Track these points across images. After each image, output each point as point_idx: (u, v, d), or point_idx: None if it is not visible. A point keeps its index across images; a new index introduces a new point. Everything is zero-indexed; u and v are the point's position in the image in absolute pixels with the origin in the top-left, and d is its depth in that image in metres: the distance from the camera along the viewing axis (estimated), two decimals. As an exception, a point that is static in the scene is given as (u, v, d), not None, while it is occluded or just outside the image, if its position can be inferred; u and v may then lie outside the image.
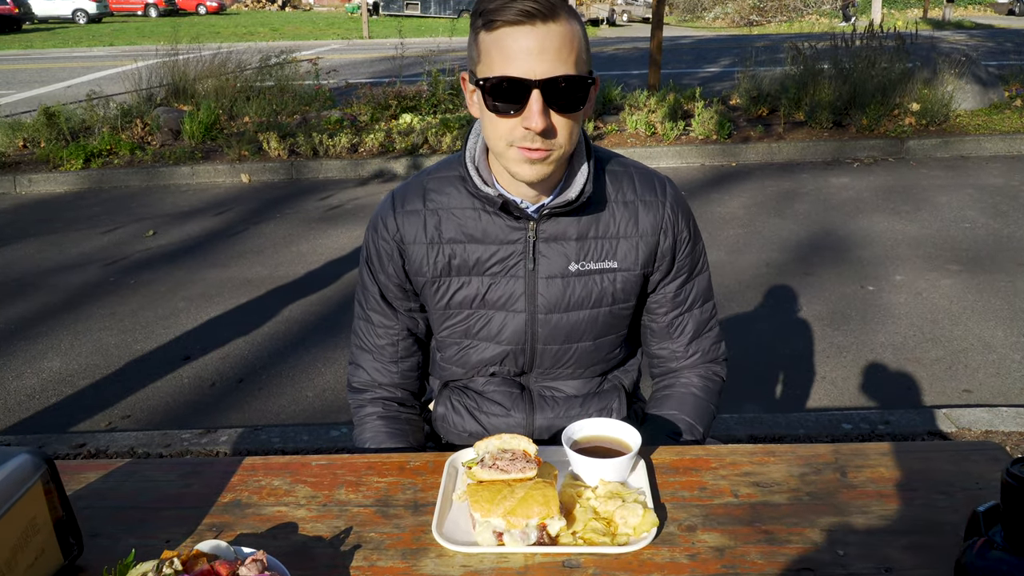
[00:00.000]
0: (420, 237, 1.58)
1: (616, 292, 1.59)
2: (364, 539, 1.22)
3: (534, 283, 1.56)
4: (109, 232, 6.80)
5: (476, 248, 1.56)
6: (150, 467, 1.44)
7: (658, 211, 1.59)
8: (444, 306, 1.61)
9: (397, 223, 1.59)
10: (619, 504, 1.24)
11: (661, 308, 1.66)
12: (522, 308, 1.57)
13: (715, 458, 1.41)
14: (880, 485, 1.31)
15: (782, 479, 1.34)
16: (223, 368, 4.37)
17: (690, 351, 1.69)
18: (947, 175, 7.53)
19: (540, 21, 1.29)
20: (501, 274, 1.56)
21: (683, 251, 1.62)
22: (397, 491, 1.34)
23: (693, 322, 1.68)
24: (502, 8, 1.29)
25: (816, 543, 1.18)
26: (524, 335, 1.60)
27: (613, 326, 1.63)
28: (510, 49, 1.31)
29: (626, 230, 1.57)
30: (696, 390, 1.69)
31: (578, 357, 1.63)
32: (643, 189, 1.59)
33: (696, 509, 1.27)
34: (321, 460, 1.43)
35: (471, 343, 1.63)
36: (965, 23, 26.82)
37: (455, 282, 1.58)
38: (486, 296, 1.58)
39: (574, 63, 1.33)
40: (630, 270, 1.58)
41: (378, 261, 1.63)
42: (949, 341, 4.32)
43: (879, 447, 1.39)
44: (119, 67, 12.15)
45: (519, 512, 1.18)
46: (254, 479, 1.38)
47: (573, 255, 1.56)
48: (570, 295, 1.57)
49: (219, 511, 1.30)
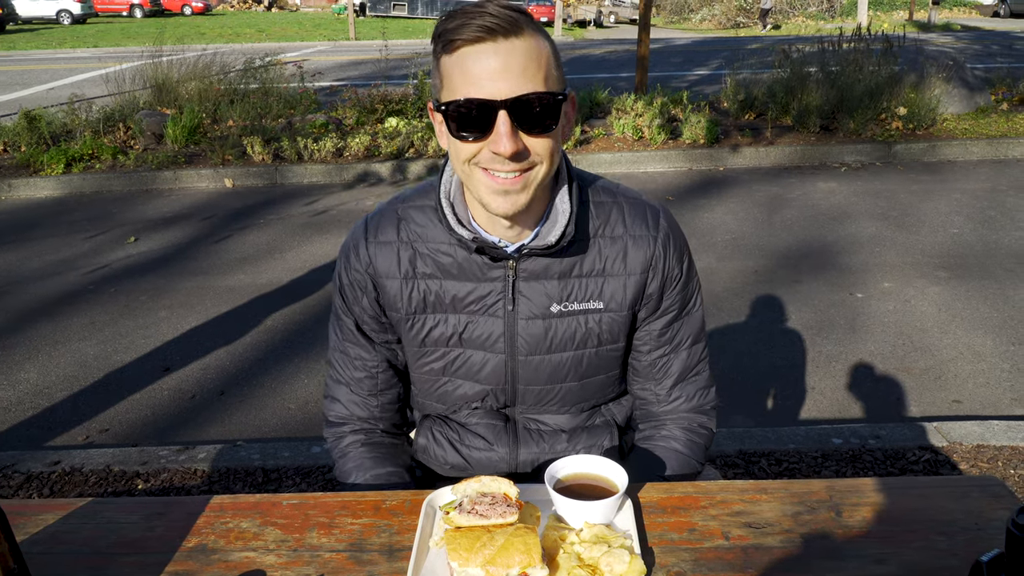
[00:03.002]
0: (394, 271, 1.50)
1: (602, 333, 1.50)
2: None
3: (514, 324, 1.48)
4: (90, 239, 6.70)
5: (452, 285, 1.47)
6: (111, 508, 1.37)
7: (648, 247, 1.48)
8: (420, 343, 1.54)
9: (369, 254, 1.51)
10: (604, 550, 1.18)
11: (645, 346, 1.57)
12: (501, 349, 1.49)
13: (705, 496, 1.35)
14: (877, 525, 1.25)
15: (775, 519, 1.28)
16: (204, 379, 4.29)
17: (672, 395, 1.59)
18: (934, 180, 7.52)
19: (502, 37, 1.21)
20: (479, 313, 1.48)
21: (673, 289, 1.53)
22: (372, 534, 1.28)
23: (679, 364, 1.57)
24: (461, 27, 1.21)
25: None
26: (504, 375, 1.52)
27: (600, 367, 1.55)
28: (472, 69, 1.23)
29: (613, 267, 1.48)
30: (679, 445, 1.57)
31: (563, 396, 1.56)
32: (633, 223, 1.49)
33: (685, 553, 1.21)
34: (293, 499, 1.37)
35: (449, 380, 1.56)
36: (952, 25, 26.94)
37: (430, 319, 1.50)
38: (463, 335, 1.50)
39: (543, 79, 1.25)
40: (617, 310, 1.50)
41: (351, 292, 1.55)
42: (938, 350, 4.29)
43: (874, 483, 1.34)
44: (102, 69, 12.02)
45: (499, 561, 1.11)
46: (221, 521, 1.31)
47: (555, 295, 1.47)
48: (552, 336, 1.48)
49: (183, 557, 1.23)
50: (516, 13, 1.22)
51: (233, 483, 3.18)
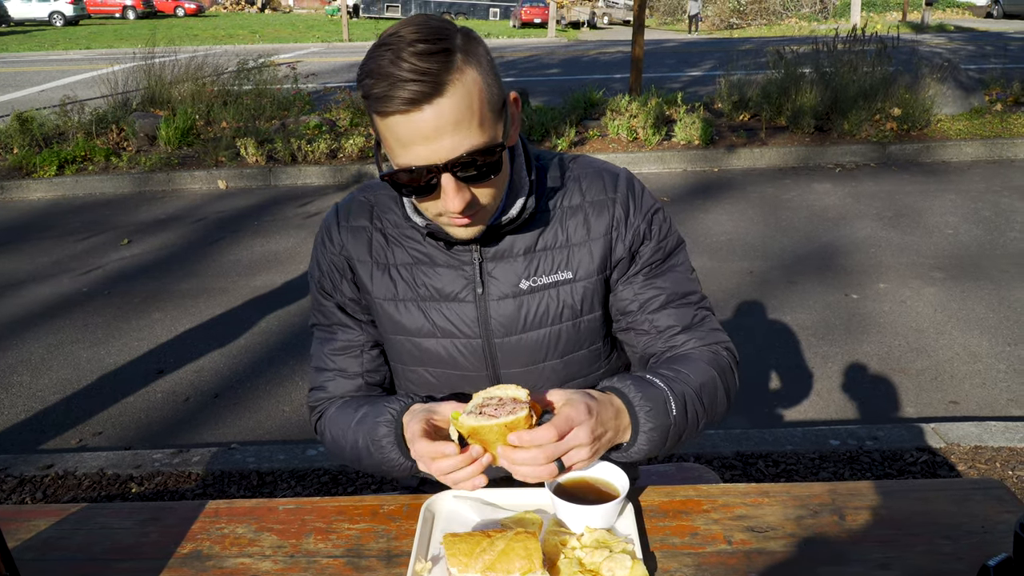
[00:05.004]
0: (365, 256, 1.51)
1: (575, 304, 1.48)
2: (333, 597, 1.14)
3: (485, 306, 1.47)
4: (83, 240, 6.67)
5: (422, 273, 1.48)
6: (105, 513, 1.35)
7: (608, 211, 1.48)
8: (394, 332, 1.52)
9: (343, 238, 1.52)
10: (606, 555, 1.16)
11: (633, 303, 1.50)
12: (476, 333, 1.48)
13: (707, 499, 1.33)
14: (880, 529, 1.24)
15: (777, 523, 1.27)
16: (198, 382, 4.26)
17: (681, 340, 1.50)
18: (929, 181, 7.52)
19: (427, 103, 1.17)
20: (450, 299, 1.47)
21: (644, 246, 1.50)
22: (370, 539, 1.26)
23: (678, 317, 1.51)
24: (384, 98, 1.17)
25: (816, 597, 1.11)
26: (483, 361, 1.50)
27: (581, 341, 1.52)
28: (405, 138, 1.20)
29: (576, 236, 1.48)
30: (695, 353, 1.48)
31: (547, 376, 1.52)
32: (590, 190, 1.49)
33: (688, 558, 1.20)
34: (289, 504, 1.35)
35: (428, 370, 1.54)
36: (945, 26, 27.01)
37: (401, 308, 1.50)
38: (436, 323, 1.49)
39: (478, 126, 1.22)
40: (588, 278, 1.48)
41: (331, 278, 1.55)
42: (934, 351, 4.28)
43: (876, 486, 1.32)
44: (95, 71, 11.97)
45: (499, 567, 1.10)
46: (216, 527, 1.30)
47: (523, 271, 1.46)
48: (526, 314, 1.47)
49: (177, 564, 1.21)
50: (436, 64, 1.16)
51: (228, 486, 3.16)
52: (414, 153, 1.21)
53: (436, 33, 1.18)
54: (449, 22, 1.23)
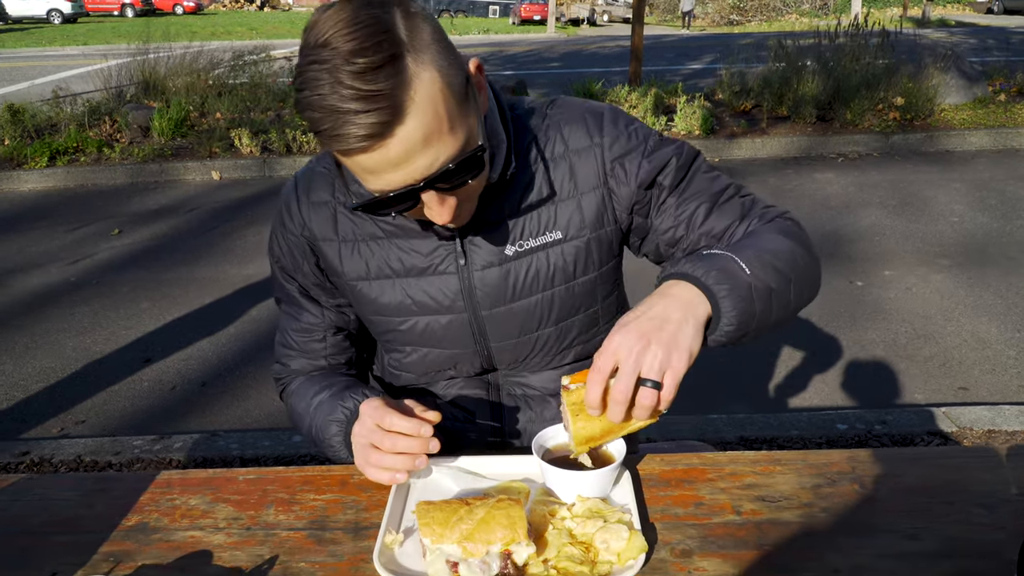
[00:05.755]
0: (330, 234, 1.35)
1: (567, 266, 1.34)
2: (291, 571, 1.01)
3: (469, 277, 1.32)
4: (73, 231, 6.55)
5: (395, 247, 1.32)
6: (46, 484, 1.22)
7: (595, 159, 1.32)
8: (373, 312, 1.38)
9: (304, 216, 1.36)
10: (600, 525, 1.03)
11: (680, 232, 1.33)
12: (461, 307, 1.34)
13: (712, 468, 1.20)
14: (907, 499, 1.11)
15: (791, 492, 1.14)
16: (185, 371, 4.15)
17: (742, 230, 1.32)
18: (932, 170, 7.40)
19: (388, 134, 0.99)
20: (429, 273, 1.33)
21: (665, 175, 1.33)
22: (337, 510, 1.13)
23: (729, 215, 1.33)
24: (336, 138, 0.99)
25: (835, 569, 0.98)
26: (472, 336, 1.37)
27: (576, 305, 1.38)
28: (372, 167, 1.03)
29: (562, 191, 1.32)
30: (756, 230, 1.30)
31: (543, 347, 1.39)
32: (574, 136, 1.33)
33: (692, 530, 1.07)
34: (250, 474, 1.22)
35: (413, 349, 1.40)
36: (947, 21, 26.90)
37: (376, 286, 1.35)
38: (416, 299, 1.34)
39: (449, 132, 1.04)
40: (579, 237, 1.33)
41: (291, 260, 1.41)
42: (942, 337, 4.16)
43: (901, 454, 1.20)
44: (90, 66, 11.86)
45: (478, 537, 0.97)
46: (167, 497, 1.17)
47: (508, 236, 1.31)
48: (513, 282, 1.32)
49: (121, 537, 1.08)
50: (386, 83, 0.97)
51: (210, 474, 3.04)
52: (385, 180, 1.05)
53: (374, 34, 0.96)
54: (380, 3, 1.01)
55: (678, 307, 1.08)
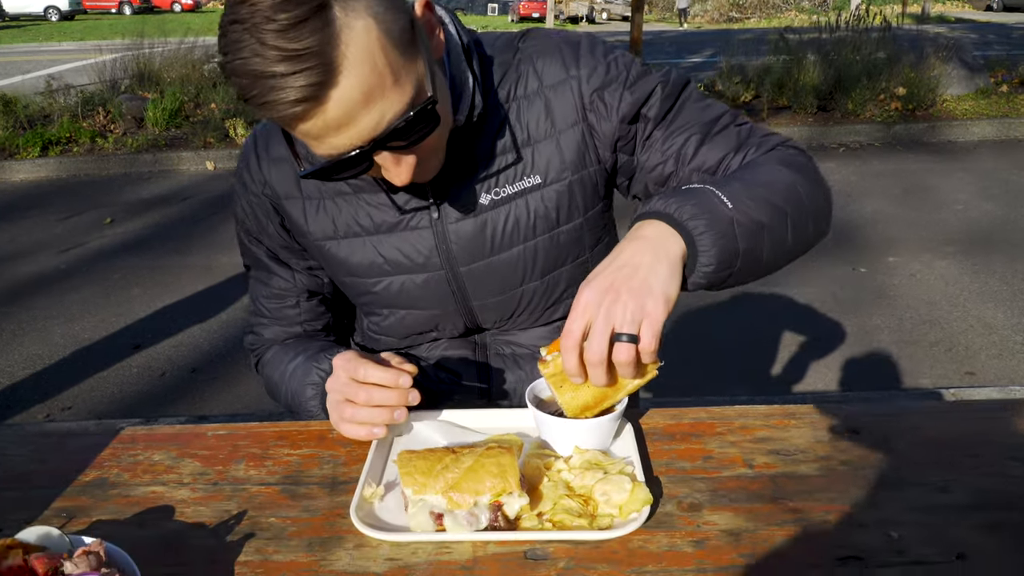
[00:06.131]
0: (293, 192, 1.24)
1: (549, 213, 1.22)
2: (260, 525, 0.92)
3: (443, 231, 1.21)
4: (64, 220, 6.46)
5: (364, 201, 1.22)
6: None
7: (572, 93, 1.19)
8: (344, 273, 1.28)
9: (264, 173, 1.25)
10: (599, 477, 0.94)
11: (669, 168, 1.21)
12: (437, 264, 1.23)
13: (721, 422, 1.11)
14: (934, 452, 1.02)
15: (807, 446, 1.04)
16: (175, 357, 4.06)
17: (738, 161, 1.19)
18: (935, 160, 7.32)
19: (322, 96, 0.88)
20: (401, 229, 1.22)
21: (649, 107, 1.20)
22: (312, 465, 1.04)
23: (722, 146, 1.20)
24: (265, 105, 0.88)
25: (860, 523, 0.89)
26: (450, 295, 1.26)
27: (562, 256, 1.26)
28: (313, 133, 0.93)
29: (538, 131, 1.20)
30: (753, 161, 1.18)
31: (528, 302, 1.28)
32: (548, 71, 1.20)
33: (700, 483, 0.98)
34: (220, 429, 1.13)
35: (391, 312, 1.30)
36: (946, 17, 26.83)
37: (345, 245, 1.24)
38: (389, 258, 1.23)
39: (393, 85, 0.93)
40: (560, 180, 1.21)
41: (255, 222, 1.30)
42: (948, 323, 4.08)
43: (925, 407, 1.11)
44: (86, 60, 11.77)
45: (465, 487, 0.87)
46: (129, 453, 1.08)
47: (482, 184, 1.20)
48: (492, 234, 1.21)
49: (75, 492, 0.99)
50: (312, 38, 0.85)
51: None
52: (330, 145, 0.95)
53: (304, 25, 0.85)
54: None
55: (647, 249, 0.97)
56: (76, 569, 0.72)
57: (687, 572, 0.83)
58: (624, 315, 0.92)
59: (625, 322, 0.92)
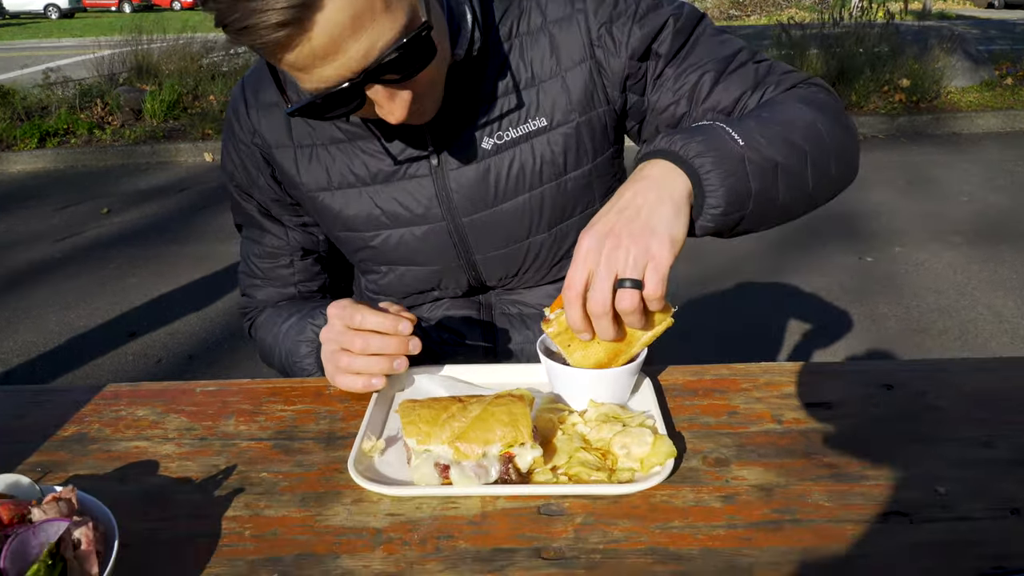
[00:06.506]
0: (284, 140, 1.16)
1: (556, 158, 1.14)
2: (251, 480, 0.85)
3: (444, 180, 1.13)
4: (61, 210, 6.39)
5: (360, 149, 1.14)
6: (-27, 396, 1.06)
7: (579, 27, 1.10)
8: (339, 227, 1.20)
9: (252, 121, 1.18)
10: (618, 429, 0.87)
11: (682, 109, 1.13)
12: (438, 215, 1.15)
13: (745, 378, 1.04)
14: (977, 407, 0.95)
15: (839, 401, 0.97)
16: (171, 344, 4.00)
17: (756, 100, 1.11)
18: (941, 151, 7.24)
19: (306, 21, 0.81)
20: (398, 178, 1.14)
21: (660, 43, 1.12)
22: (308, 420, 0.97)
23: (739, 84, 1.11)
24: (245, 31, 0.82)
25: (904, 479, 0.82)
26: (452, 249, 1.18)
27: (570, 205, 1.18)
28: (299, 64, 0.86)
29: (543, 70, 1.12)
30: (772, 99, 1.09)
31: (536, 257, 1.20)
32: (552, 5, 1.12)
33: (726, 438, 0.91)
34: (209, 386, 1.06)
35: (390, 268, 1.23)
36: (948, 14, 26.74)
37: (340, 197, 1.17)
38: (387, 209, 1.16)
39: (383, 10, 0.86)
40: (568, 122, 1.13)
41: (245, 175, 1.23)
42: (956, 311, 4.01)
43: (965, 363, 1.04)
44: (85, 55, 11.71)
45: (473, 436, 0.80)
46: (111, 409, 1.00)
47: (485, 127, 1.12)
48: (496, 181, 1.14)
49: (53, 447, 0.92)
50: None
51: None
52: (318, 77, 0.88)
53: None
54: None
55: (650, 189, 0.90)
56: (44, 516, 0.65)
57: (716, 528, 0.76)
58: (627, 260, 0.86)
59: (628, 267, 0.85)
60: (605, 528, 0.76)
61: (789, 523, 0.76)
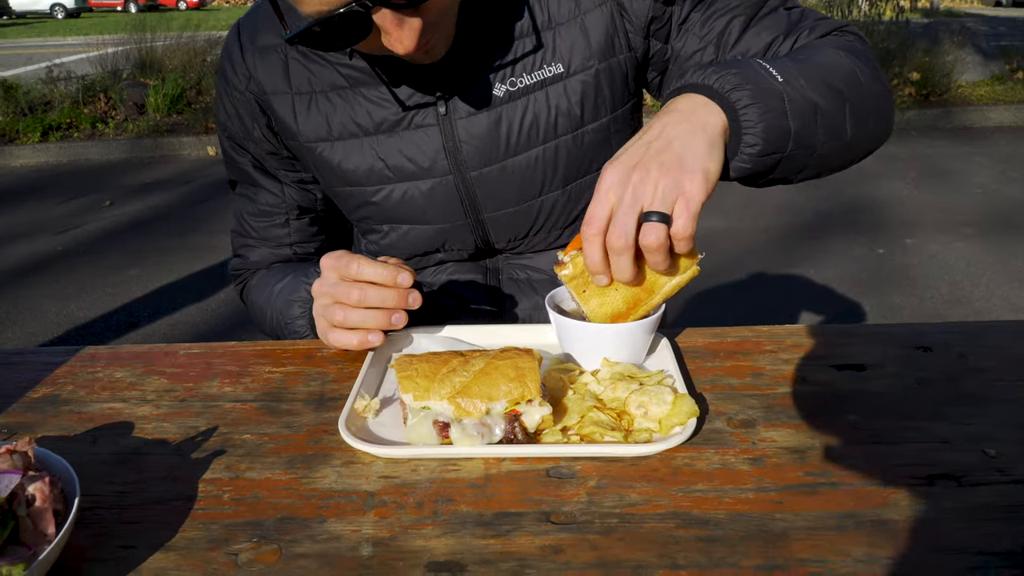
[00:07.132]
0: (281, 85, 1.08)
1: (572, 108, 1.06)
2: (232, 442, 0.78)
3: (452, 130, 1.05)
4: (64, 203, 6.34)
5: (362, 96, 1.06)
6: (-60, 359, 0.99)
7: None
8: (339, 181, 1.12)
9: (248, 66, 1.10)
10: (634, 388, 0.79)
11: (709, 55, 1.06)
12: (445, 169, 1.07)
13: (769, 339, 0.97)
14: (1020, 369, 0.87)
15: (873, 362, 0.90)
16: (172, 335, 3.94)
17: (788, 46, 1.05)
18: (952, 144, 7.14)
19: None
20: (403, 128, 1.06)
21: None
22: (297, 382, 0.90)
23: (770, 30, 1.05)
24: None
25: (947, 441, 0.74)
26: (459, 205, 1.10)
27: (586, 161, 1.10)
28: None
29: (560, 12, 1.04)
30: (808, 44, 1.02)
31: (548, 217, 1.12)
32: None
33: (752, 400, 0.83)
34: (193, 348, 0.99)
35: (392, 228, 1.14)
36: (955, 12, 26.61)
37: (340, 148, 1.08)
38: (390, 162, 1.08)
39: None
40: (586, 69, 1.05)
41: (239, 125, 1.15)
42: (971, 302, 3.92)
43: (1004, 326, 0.96)
44: (89, 52, 11.70)
45: (476, 391, 0.73)
46: (87, 371, 0.93)
47: (497, 73, 1.04)
48: (508, 131, 1.05)
49: (21, 409, 0.85)
50: None
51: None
52: None
53: None
54: None
55: (682, 121, 0.82)
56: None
57: (745, 492, 0.68)
58: (655, 193, 0.78)
59: (656, 200, 0.77)
60: (621, 491, 0.69)
61: (825, 486, 0.68)
